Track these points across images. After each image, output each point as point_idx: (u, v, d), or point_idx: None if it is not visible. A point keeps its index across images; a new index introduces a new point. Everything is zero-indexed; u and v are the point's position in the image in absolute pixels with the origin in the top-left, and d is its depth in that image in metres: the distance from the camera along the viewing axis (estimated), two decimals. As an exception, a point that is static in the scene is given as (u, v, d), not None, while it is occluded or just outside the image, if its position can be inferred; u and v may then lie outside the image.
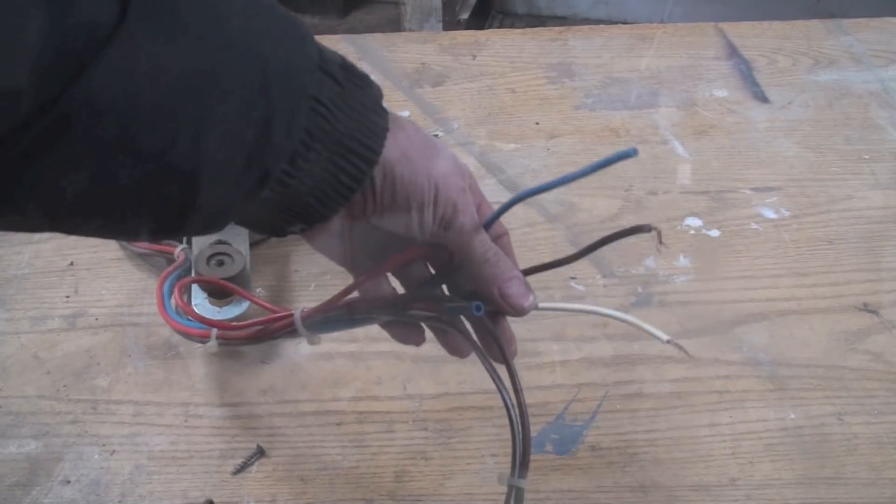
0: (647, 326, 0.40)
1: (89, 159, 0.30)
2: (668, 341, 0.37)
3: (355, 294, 0.45)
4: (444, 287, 0.46)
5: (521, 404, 0.42)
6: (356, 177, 0.38)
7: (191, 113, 0.31)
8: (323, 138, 0.36)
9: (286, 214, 0.38)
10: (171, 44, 0.30)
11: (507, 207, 0.41)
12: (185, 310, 0.54)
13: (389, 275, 0.45)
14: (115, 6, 0.28)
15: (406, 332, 0.46)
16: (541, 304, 0.43)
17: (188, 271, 0.60)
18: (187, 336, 0.53)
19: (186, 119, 0.31)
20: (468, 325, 0.45)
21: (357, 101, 0.37)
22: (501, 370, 0.43)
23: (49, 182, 0.30)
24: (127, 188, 0.31)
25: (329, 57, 0.36)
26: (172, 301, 0.57)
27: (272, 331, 0.49)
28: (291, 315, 0.47)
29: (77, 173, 0.30)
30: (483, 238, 0.42)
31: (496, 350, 0.43)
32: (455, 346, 0.46)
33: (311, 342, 0.47)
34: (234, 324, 0.51)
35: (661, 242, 0.36)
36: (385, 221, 0.40)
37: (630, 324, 0.41)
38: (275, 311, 0.52)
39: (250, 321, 0.50)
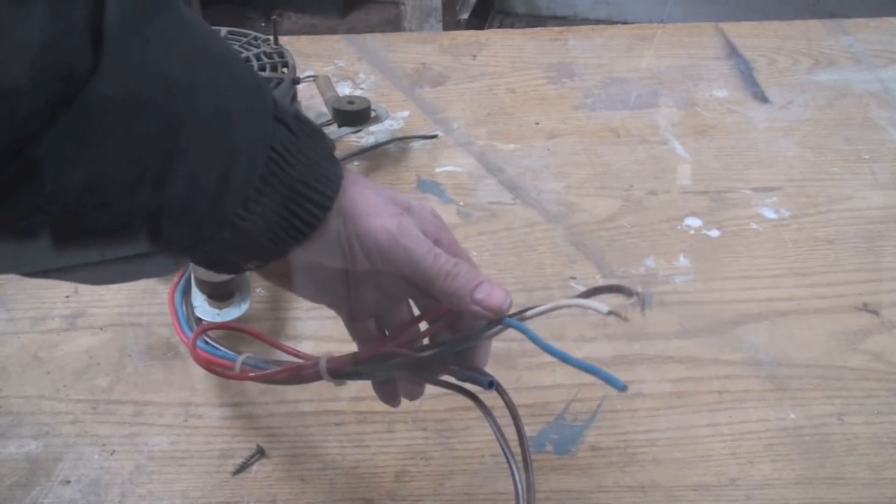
0: (587, 303, 0.40)
1: (55, 203, 0.30)
2: (608, 313, 0.37)
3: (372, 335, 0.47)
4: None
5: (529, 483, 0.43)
6: (308, 222, 0.39)
7: (157, 159, 0.32)
8: (275, 183, 0.37)
9: (241, 253, 0.39)
10: (142, 91, 0.30)
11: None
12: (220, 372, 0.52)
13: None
14: (90, 54, 0.29)
15: (412, 388, 0.48)
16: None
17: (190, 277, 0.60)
18: (209, 369, 0.53)
19: (153, 165, 0.32)
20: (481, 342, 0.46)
21: (310, 149, 0.38)
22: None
23: (11, 225, 0.30)
24: (90, 230, 0.32)
25: (283, 107, 0.38)
26: (185, 311, 0.57)
27: (298, 378, 0.49)
28: (317, 364, 0.47)
29: (42, 216, 0.30)
30: (437, 253, 0.42)
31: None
32: (410, 390, 0.48)
33: (337, 385, 0.48)
34: (256, 374, 0.50)
35: (642, 310, 0.37)
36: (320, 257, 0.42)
37: (572, 306, 0.41)
38: (298, 355, 0.51)
39: (275, 370, 0.49)
